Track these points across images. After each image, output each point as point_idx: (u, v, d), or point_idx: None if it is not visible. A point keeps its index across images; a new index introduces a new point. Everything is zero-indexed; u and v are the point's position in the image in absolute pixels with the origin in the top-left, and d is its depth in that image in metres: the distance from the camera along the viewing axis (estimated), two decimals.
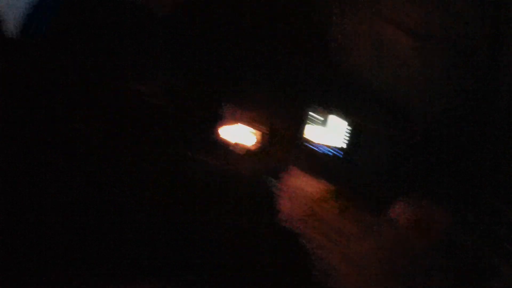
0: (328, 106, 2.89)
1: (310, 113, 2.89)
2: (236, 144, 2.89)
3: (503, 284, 2.37)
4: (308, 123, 2.88)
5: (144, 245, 2.59)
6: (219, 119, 2.85)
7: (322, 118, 2.89)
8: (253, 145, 2.90)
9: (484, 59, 2.48)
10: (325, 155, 2.87)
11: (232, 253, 2.67)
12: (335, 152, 2.85)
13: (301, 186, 2.82)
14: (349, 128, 2.84)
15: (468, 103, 2.58)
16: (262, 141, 2.92)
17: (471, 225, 2.58)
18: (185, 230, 2.66)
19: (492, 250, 2.47)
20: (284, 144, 2.98)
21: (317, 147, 2.88)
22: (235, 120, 2.88)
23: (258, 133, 2.90)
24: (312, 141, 2.89)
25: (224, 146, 2.84)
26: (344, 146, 2.84)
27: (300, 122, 2.89)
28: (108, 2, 2.76)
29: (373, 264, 2.55)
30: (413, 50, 2.62)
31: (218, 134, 2.84)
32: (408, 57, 2.67)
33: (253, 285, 2.62)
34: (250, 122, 2.90)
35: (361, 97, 2.87)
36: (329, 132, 2.88)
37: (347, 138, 2.84)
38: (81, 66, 2.68)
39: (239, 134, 2.88)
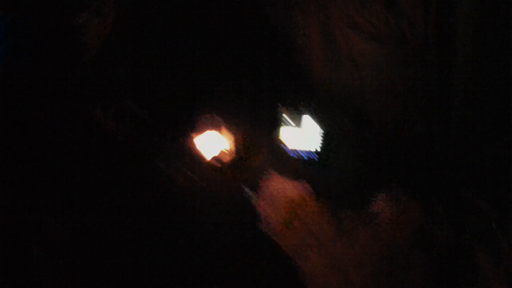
0: (300, 108, 2.91)
1: (284, 115, 2.90)
2: (210, 155, 2.88)
3: (480, 277, 2.38)
4: (282, 126, 2.90)
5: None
6: (191, 129, 2.90)
7: (294, 123, 2.90)
8: (228, 153, 2.92)
9: (433, 59, 2.56)
10: (301, 159, 2.90)
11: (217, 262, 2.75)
12: (310, 156, 2.88)
13: (281, 190, 2.86)
14: (322, 132, 2.86)
15: (421, 101, 2.66)
16: (237, 147, 2.94)
17: (442, 217, 2.60)
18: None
19: (465, 241, 2.49)
20: (261, 148, 3.02)
21: (293, 152, 2.91)
22: (207, 128, 2.91)
23: (232, 139, 2.94)
24: (287, 145, 2.91)
25: (198, 158, 2.88)
26: (319, 149, 2.86)
27: (275, 125, 2.92)
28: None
29: (354, 264, 2.55)
30: (364, 51, 2.72)
31: (191, 145, 2.88)
32: (360, 57, 2.78)
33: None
34: (222, 129, 2.93)
35: (325, 98, 2.93)
36: (303, 137, 2.90)
37: (321, 142, 2.86)
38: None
39: (212, 143, 2.90)
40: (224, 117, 2.96)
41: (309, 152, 2.87)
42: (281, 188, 2.84)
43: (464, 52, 2.49)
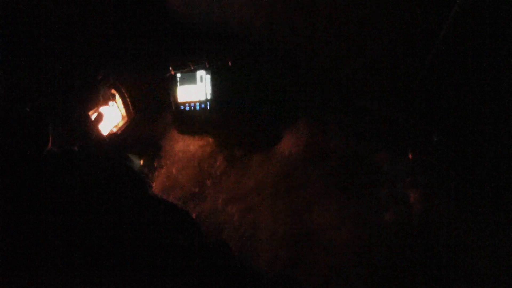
0: (192, 66, 2.79)
1: (177, 76, 2.78)
2: (107, 130, 2.72)
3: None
4: (178, 86, 2.78)
5: None
6: (82, 102, 2.68)
7: (189, 80, 2.77)
8: (126, 125, 2.79)
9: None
10: (194, 111, 2.81)
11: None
12: (202, 106, 2.79)
13: (184, 149, 2.81)
14: (211, 78, 2.77)
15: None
16: (133, 118, 2.80)
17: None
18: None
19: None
20: (160, 113, 2.93)
21: (187, 106, 2.81)
22: (98, 102, 2.69)
23: (127, 111, 2.79)
24: (183, 102, 2.79)
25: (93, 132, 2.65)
26: (209, 97, 2.77)
27: (171, 86, 2.79)
28: None
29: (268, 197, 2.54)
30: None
31: (84, 120, 2.65)
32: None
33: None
34: (114, 100, 2.78)
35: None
36: (197, 91, 2.79)
37: (210, 88, 2.77)
38: None
39: (108, 117, 2.70)
40: (114, 87, 2.79)
41: (201, 102, 2.78)
42: (184, 147, 2.77)
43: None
